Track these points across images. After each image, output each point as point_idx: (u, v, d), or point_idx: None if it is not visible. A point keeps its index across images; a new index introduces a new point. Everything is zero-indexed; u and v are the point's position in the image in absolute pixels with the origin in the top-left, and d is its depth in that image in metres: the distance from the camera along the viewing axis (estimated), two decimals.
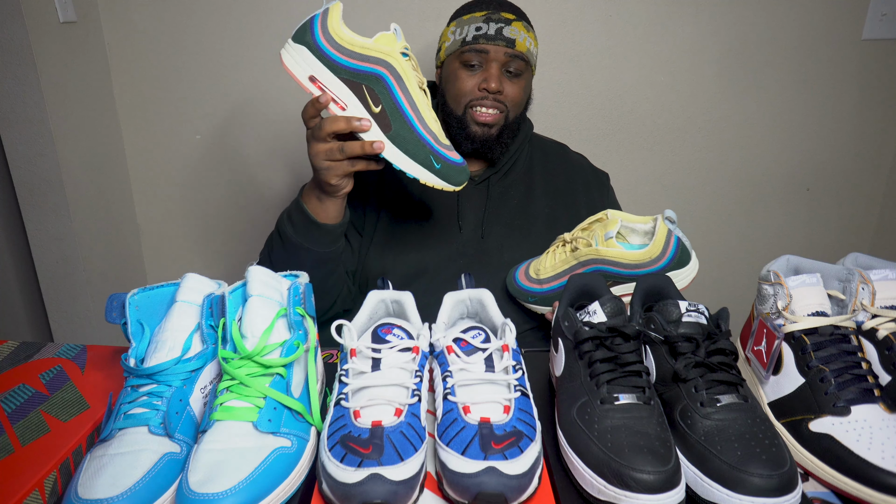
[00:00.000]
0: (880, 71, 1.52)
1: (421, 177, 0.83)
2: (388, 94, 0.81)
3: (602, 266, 0.88)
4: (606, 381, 0.62)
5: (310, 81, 0.81)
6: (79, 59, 1.42)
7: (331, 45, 0.80)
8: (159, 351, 0.64)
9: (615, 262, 0.87)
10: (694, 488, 0.58)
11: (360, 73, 0.80)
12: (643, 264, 0.86)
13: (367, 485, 0.52)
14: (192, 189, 1.64)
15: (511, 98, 1.05)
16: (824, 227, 1.68)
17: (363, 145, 0.81)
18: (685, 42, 1.49)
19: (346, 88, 0.81)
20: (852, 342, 0.65)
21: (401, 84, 0.82)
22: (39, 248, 1.49)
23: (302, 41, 0.81)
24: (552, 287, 0.95)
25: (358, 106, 0.82)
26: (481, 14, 1.04)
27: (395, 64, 0.81)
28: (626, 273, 0.87)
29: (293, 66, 0.81)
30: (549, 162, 1.16)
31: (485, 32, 1.02)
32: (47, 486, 0.60)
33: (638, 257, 0.86)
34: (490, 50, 1.02)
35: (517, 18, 1.04)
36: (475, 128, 1.05)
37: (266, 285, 0.66)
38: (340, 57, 0.80)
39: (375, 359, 0.64)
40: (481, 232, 1.09)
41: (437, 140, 0.84)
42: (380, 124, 0.82)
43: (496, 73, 1.03)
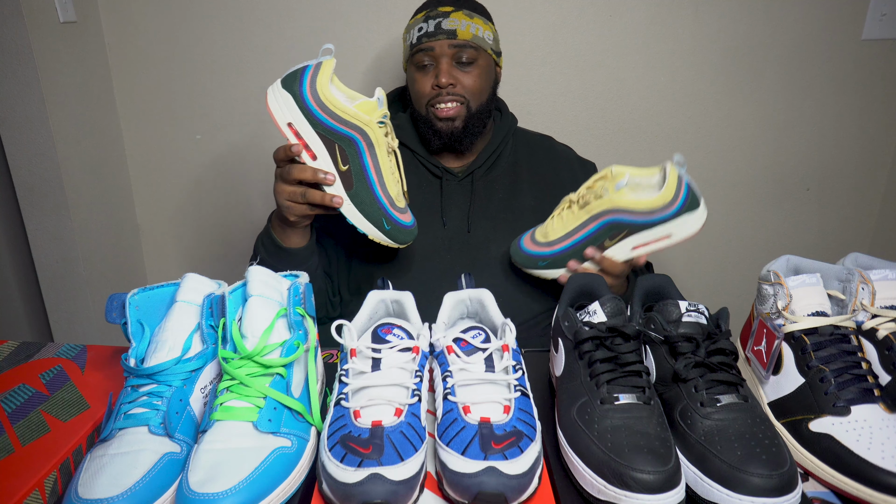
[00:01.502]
0: (880, 71, 1.52)
1: (370, 234, 0.90)
2: (357, 158, 0.87)
3: (616, 217, 0.89)
4: (606, 381, 0.62)
5: (287, 127, 0.86)
6: (79, 59, 1.42)
7: (315, 101, 0.85)
8: (159, 351, 0.64)
9: (629, 210, 0.88)
10: (694, 488, 0.58)
11: (336, 133, 0.86)
12: (657, 209, 0.88)
13: (367, 485, 0.52)
14: (192, 189, 1.64)
15: (468, 87, 1.06)
16: (824, 227, 1.68)
17: (324, 197, 0.87)
18: (685, 42, 1.49)
19: (319, 142, 0.86)
20: (852, 342, 0.65)
21: (371, 150, 0.88)
22: (39, 248, 1.49)
23: (289, 89, 0.85)
24: (564, 247, 0.94)
25: (328, 160, 0.87)
26: (421, 15, 1.06)
27: (369, 132, 0.87)
28: (641, 221, 0.89)
29: (276, 110, 0.86)
30: (535, 155, 1.17)
31: (426, 31, 1.04)
32: (47, 486, 0.60)
33: (652, 203, 0.88)
34: (434, 46, 1.03)
35: (456, 9, 1.05)
36: (439, 124, 1.06)
37: (266, 285, 0.66)
38: (321, 114, 0.85)
39: (375, 359, 0.64)
40: (467, 227, 1.09)
41: (393, 204, 0.91)
42: (343, 182, 0.88)
43: (445, 68, 1.04)
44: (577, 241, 0.93)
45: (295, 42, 1.48)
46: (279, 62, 1.50)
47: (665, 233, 0.90)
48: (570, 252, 0.94)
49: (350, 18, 1.46)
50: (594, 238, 0.92)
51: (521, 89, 1.52)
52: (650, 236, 0.91)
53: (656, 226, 0.89)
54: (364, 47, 1.49)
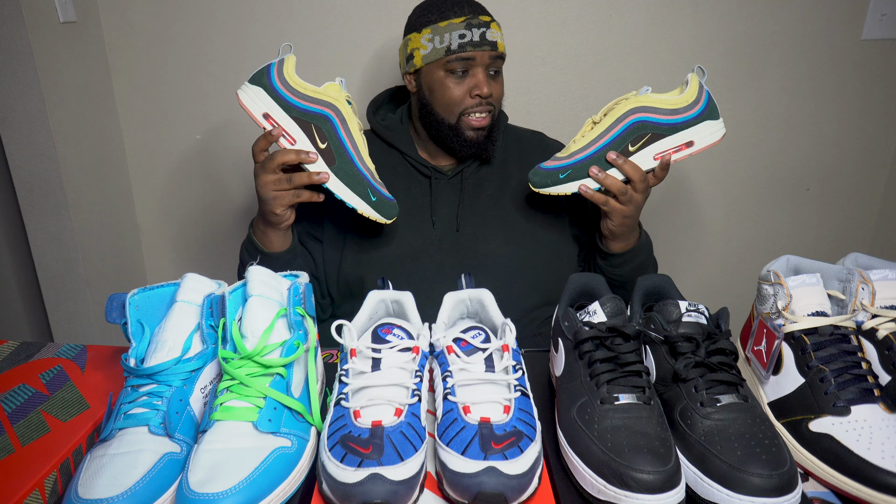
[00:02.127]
0: (880, 71, 1.52)
1: (359, 207, 0.93)
2: (334, 133, 0.91)
3: (640, 116, 0.90)
4: (606, 381, 0.62)
5: (264, 118, 0.90)
6: (79, 59, 1.42)
7: (285, 87, 0.90)
8: (159, 351, 0.64)
9: (655, 107, 0.89)
10: (694, 488, 0.58)
11: (310, 113, 0.91)
12: (681, 109, 0.90)
13: (367, 485, 0.52)
14: (192, 189, 1.64)
15: (497, 97, 1.08)
16: (824, 227, 1.68)
17: (310, 175, 0.90)
18: (685, 42, 1.49)
19: (296, 126, 0.91)
20: (852, 342, 0.65)
21: (345, 126, 0.92)
22: (39, 248, 1.49)
23: (259, 83, 0.91)
24: (587, 154, 0.93)
25: (306, 141, 0.91)
26: (460, 20, 1.03)
27: (341, 108, 0.92)
28: (664, 122, 0.90)
29: (249, 104, 0.90)
30: (525, 150, 1.17)
31: (470, 39, 1.02)
32: (47, 486, 0.60)
33: (675, 102, 0.90)
34: (476, 56, 1.03)
35: (492, 19, 1.05)
36: (470, 133, 1.06)
37: (266, 285, 0.66)
38: (293, 98, 0.90)
39: (375, 359, 0.64)
40: (456, 225, 1.09)
41: (374, 176, 0.95)
42: (325, 158, 0.91)
43: (485, 79, 1.04)
44: (600, 146, 0.92)
45: (294, 42, 1.48)
46: None
47: (687, 138, 0.91)
48: (593, 158, 0.92)
49: (350, 18, 1.46)
50: (618, 142, 0.91)
51: (521, 89, 1.52)
52: (672, 142, 0.91)
53: (679, 130, 0.91)
54: (364, 47, 1.49)
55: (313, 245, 1.11)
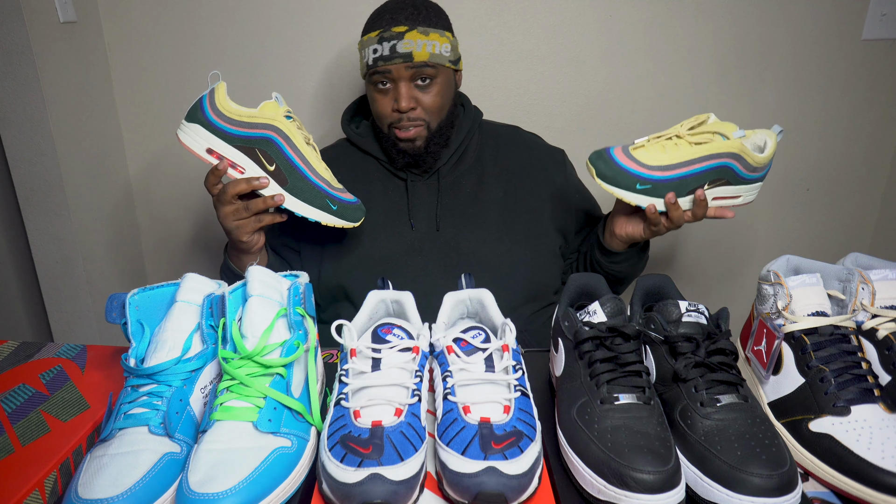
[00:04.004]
0: (880, 71, 1.52)
1: (322, 220, 0.93)
2: (280, 153, 0.91)
3: (731, 162, 0.90)
4: (606, 381, 0.62)
5: (207, 153, 0.90)
6: (79, 59, 1.42)
7: (221, 118, 0.90)
8: (159, 351, 0.64)
9: (746, 161, 0.90)
10: (694, 488, 0.58)
11: (251, 138, 0.90)
12: (759, 168, 0.92)
13: (367, 485, 0.52)
14: (192, 189, 1.64)
15: (428, 107, 1.04)
16: (824, 227, 1.68)
17: (265, 200, 0.90)
18: (685, 42, 1.49)
19: (241, 154, 0.90)
20: (852, 342, 0.65)
21: (289, 142, 0.91)
22: (39, 248, 1.49)
23: (195, 120, 0.90)
24: (673, 175, 0.89)
25: (254, 167, 0.91)
26: (375, 34, 1.02)
27: (280, 126, 0.91)
28: (745, 176, 0.91)
29: (190, 143, 0.90)
30: (501, 146, 1.16)
31: (381, 54, 1.00)
32: (47, 486, 0.60)
33: (760, 161, 0.91)
34: (391, 69, 1.01)
35: (410, 28, 1.00)
36: (401, 144, 1.06)
37: (266, 285, 0.66)
38: (231, 128, 0.90)
39: (375, 359, 0.64)
40: (436, 225, 1.09)
41: (330, 185, 0.94)
42: (277, 180, 0.91)
43: (405, 93, 1.01)
44: (687, 173, 0.89)
45: (295, 42, 1.49)
46: (279, 62, 1.50)
47: (738, 192, 0.93)
48: (676, 182, 0.90)
49: (351, 19, 1.46)
50: (702, 176, 0.90)
51: (520, 89, 1.52)
52: (730, 191, 0.93)
53: (744, 182, 0.92)
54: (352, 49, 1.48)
55: (291, 255, 1.12)
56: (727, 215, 0.93)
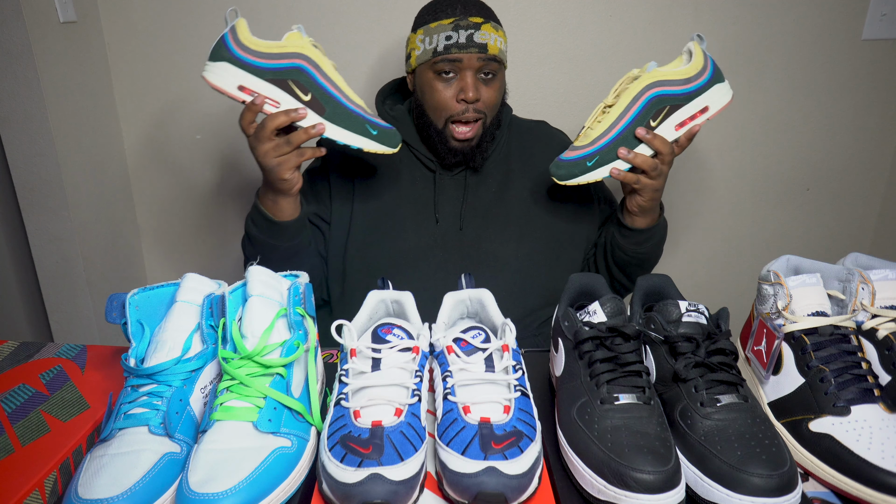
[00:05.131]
0: (880, 71, 1.52)
1: (364, 146, 0.91)
2: (313, 81, 0.88)
3: (657, 91, 0.91)
4: (606, 381, 0.62)
5: (239, 91, 0.87)
6: (79, 59, 1.42)
7: (249, 53, 0.86)
8: (159, 351, 0.64)
9: (668, 79, 0.91)
10: (694, 488, 0.58)
11: (283, 69, 0.87)
12: (693, 78, 0.92)
13: (367, 485, 0.52)
14: (192, 189, 1.64)
15: (488, 102, 1.04)
16: (824, 227, 1.68)
17: (306, 131, 0.87)
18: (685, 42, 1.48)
19: (274, 88, 0.88)
20: (852, 342, 0.65)
21: (320, 70, 0.89)
22: (39, 248, 1.49)
23: (221, 58, 0.86)
24: (611, 137, 0.92)
25: (290, 100, 0.88)
26: (449, 21, 1.01)
27: (310, 54, 0.88)
28: (680, 92, 0.92)
29: (220, 82, 0.86)
30: (528, 142, 1.16)
31: (456, 41, 0.99)
32: (47, 486, 0.60)
33: (686, 72, 0.92)
34: (463, 58, 1.00)
35: (485, 20, 1.01)
36: (455, 143, 1.05)
37: (266, 285, 0.66)
38: (260, 61, 0.86)
39: (375, 359, 0.64)
40: (460, 223, 1.09)
41: (366, 111, 0.93)
42: (314, 109, 0.89)
43: (472, 82, 1.01)
44: (623, 127, 0.91)
45: None
46: None
47: (702, 105, 0.93)
48: (619, 139, 0.92)
49: (351, 18, 1.46)
50: (639, 119, 0.91)
51: (521, 89, 1.52)
52: (689, 111, 0.93)
53: (693, 98, 0.92)
54: (365, 47, 1.49)
55: (321, 223, 1.11)
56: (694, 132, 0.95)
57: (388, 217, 1.08)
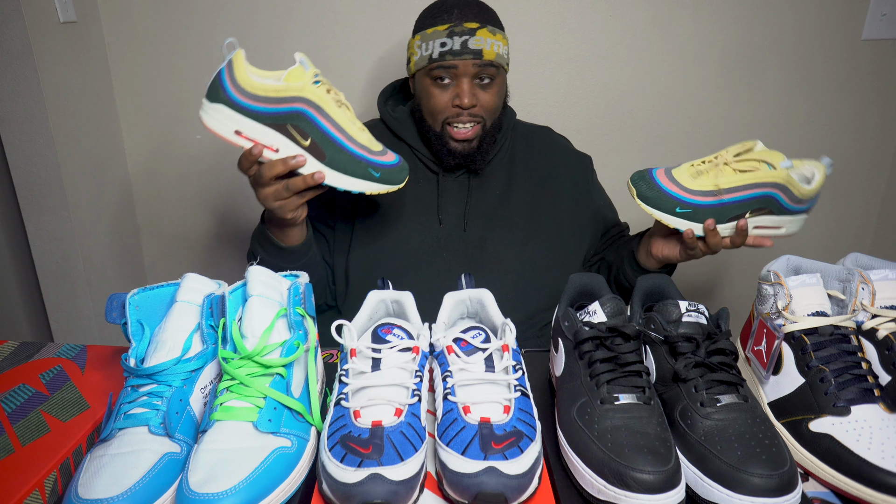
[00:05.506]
0: (880, 71, 1.52)
1: (365, 190, 0.87)
2: (314, 126, 0.84)
3: (776, 193, 0.88)
4: (606, 381, 0.62)
5: (236, 136, 0.83)
6: (79, 59, 1.42)
7: (245, 96, 0.81)
8: (159, 351, 0.64)
9: (791, 192, 0.88)
10: (694, 488, 0.58)
11: (282, 114, 0.82)
12: (804, 201, 0.90)
13: (367, 485, 0.52)
14: (191, 189, 1.64)
15: (486, 107, 1.03)
16: (824, 227, 1.68)
17: (304, 179, 0.85)
18: (685, 42, 1.49)
19: (272, 132, 0.83)
20: (852, 342, 0.65)
21: (321, 112, 0.84)
22: (39, 248, 1.49)
23: (217, 99, 0.82)
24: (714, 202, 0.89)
25: (289, 145, 0.84)
26: (444, 28, 1.00)
27: (310, 97, 0.83)
28: (788, 206, 0.89)
29: (216, 126, 0.83)
30: (532, 147, 1.16)
31: (450, 48, 0.99)
32: (47, 486, 0.60)
33: (807, 193, 0.89)
34: (458, 65, 0.99)
35: (481, 25, 1.00)
36: (454, 144, 1.05)
37: (266, 285, 0.66)
38: (258, 105, 0.82)
39: (375, 359, 0.64)
40: (463, 225, 1.09)
41: (370, 151, 0.87)
42: (314, 155, 0.85)
43: (468, 89, 1.00)
44: (729, 200, 0.89)
45: (295, 42, 1.49)
46: (279, 62, 1.50)
47: (780, 223, 0.91)
48: (717, 209, 0.89)
49: (351, 18, 1.46)
50: (745, 205, 0.89)
51: (521, 89, 1.52)
52: (773, 221, 0.91)
53: (788, 213, 0.91)
54: (365, 47, 1.49)
55: (326, 231, 1.10)
56: (765, 244, 0.92)
57: (391, 219, 1.08)
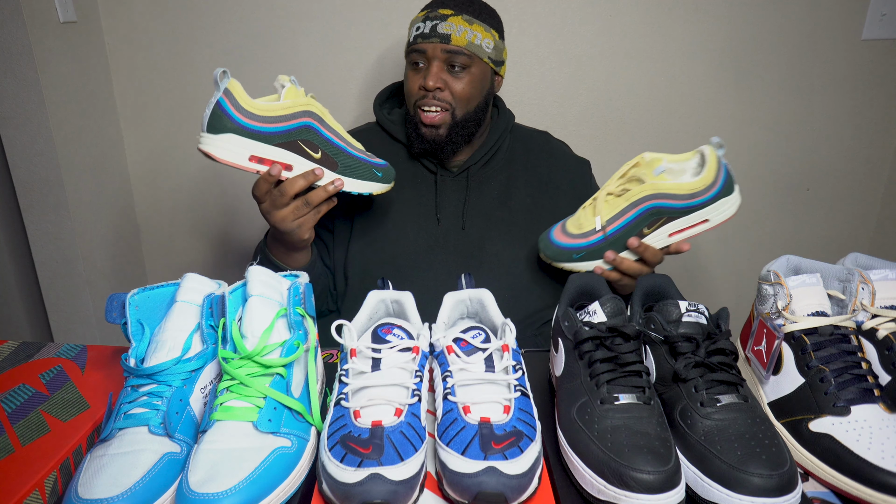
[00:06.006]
0: (880, 71, 1.52)
1: (374, 190, 0.91)
2: (321, 137, 0.87)
3: (657, 202, 0.88)
4: (606, 381, 0.62)
5: (250, 161, 0.83)
6: (79, 59, 1.42)
7: (254, 119, 0.81)
8: (159, 351, 0.64)
9: (672, 194, 0.87)
10: (694, 488, 0.58)
11: (291, 131, 0.84)
12: (698, 193, 0.87)
13: (367, 485, 0.52)
14: (192, 189, 1.64)
15: (456, 93, 1.03)
16: (824, 227, 1.68)
17: (325, 188, 0.87)
18: (685, 42, 1.49)
19: (285, 152, 0.84)
20: (852, 342, 0.65)
21: (324, 123, 0.87)
22: (39, 248, 1.49)
23: (223, 129, 0.81)
24: (601, 237, 0.91)
25: (302, 161, 0.86)
26: (422, 14, 1.05)
27: (313, 109, 0.86)
28: (681, 206, 0.88)
29: (228, 156, 0.81)
30: (531, 151, 1.16)
31: (422, 31, 1.02)
32: (47, 486, 0.60)
33: (693, 187, 0.87)
34: (427, 48, 1.02)
35: (456, 13, 1.02)
36: (423, 129, 1.05)
37: (266, 285, 0.66)
38: (268, 126, 0.82)
39: (375, 359, 0.64)
40: (462, 224, 1.09)
41: (367, 153, 0.92)
42: (327, 166, 0.87)
43: (435, 71, 1.02)
44: (615, 229, 0.90)
45: (295, 41, 1.49)
46: (278, 62, 1.50)
47: (702, 217, 0.90)
48: (608, 242, 0.91)
49: (351, 18, 1.46)
50: (634, 226, 0.90)
51: (520, 89, 1.52)
52: (688, 222, 0.90)
53: (694, 210, 0.89)
54: (365, 48, 1.49)
55: (326, 235, 1.11)
56: (683, 249, 0.92)
57: (389, 218, 1.08)
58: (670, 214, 0.89)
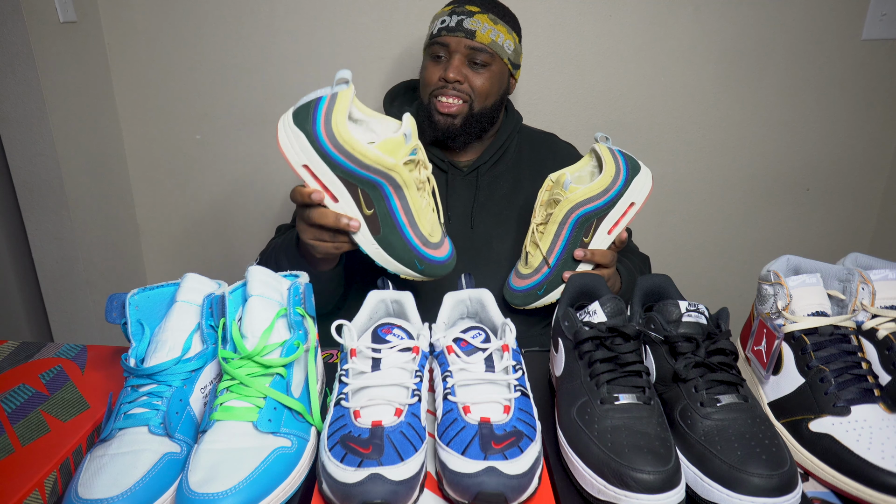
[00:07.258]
0: (880, 71, 1.52)
1: (401, 273, 0.84)
2: (384, 201, 0.78)
3: (580, 210, 0.90)
4: (606, 381, 0.62)
5: (303, 169, 0.76)
6: (79, 59, 1.42)
7: (331, 143, 0.74)
8: (159, 351, 0.64)
9: (588, 198, 0.90)
10: (694, 488, 0.58)
11: (358, 176, 0.76)
12: (609, 186, 0.90)
13: (367, 485, 0.52)
14: (192, 189, 1.64)
15: (476, 87, 1.05)
16: (824, 227, 1.68)
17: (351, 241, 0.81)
18: (685, 42, 1.49)
19: (340, 184, 0.77)
20: (852, 342, 0.65)
21: (399, 192, 0.79)
22: (39, 248, 1.49)
23: (302, 127, 0.74)
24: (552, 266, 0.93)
25: (350, 203, 0.78)
26: (448, 8, 1.07)
27: (396, 176, 0.77)
28: (603, 203, 0.90)
29: (288, 151, 0.75)
30: (538, 153, 1.17)
31: (447, 25, 1.04)
32: (47, 486, 0.60)
33: (602, 183, 0.90)
34: (451, 42, 1.04)
35: (482, 11, 1.05)
36: (437, 117, 1.06)
37: (266, 285, 0.66)
38: (339, 157, 0.74)
39: (375, 359, 0.64)
40: (470, 223, 1.09)
41: (427, 242, 0.83)
42: (370, 226, 0.80)
43: (457, 64, 1.04)
44: (558, 254, 0.93)
45: (296, 41, 1.48)
46: (279, 61, 1.50)
47: (627, 203, 0.92)
48: (559, 267, 0.94)
49: (351, 18, 1.46)
50: (572, 241, 0.92)
51: (520, 89, 1.52)
52: (617, 213, 0.93)
53: (616, 202, 0.91)
54: (366, 47, 1.49)
55: None
56: (623, 237, 0.94)
57: None
58: (598, 215, 0.91)
